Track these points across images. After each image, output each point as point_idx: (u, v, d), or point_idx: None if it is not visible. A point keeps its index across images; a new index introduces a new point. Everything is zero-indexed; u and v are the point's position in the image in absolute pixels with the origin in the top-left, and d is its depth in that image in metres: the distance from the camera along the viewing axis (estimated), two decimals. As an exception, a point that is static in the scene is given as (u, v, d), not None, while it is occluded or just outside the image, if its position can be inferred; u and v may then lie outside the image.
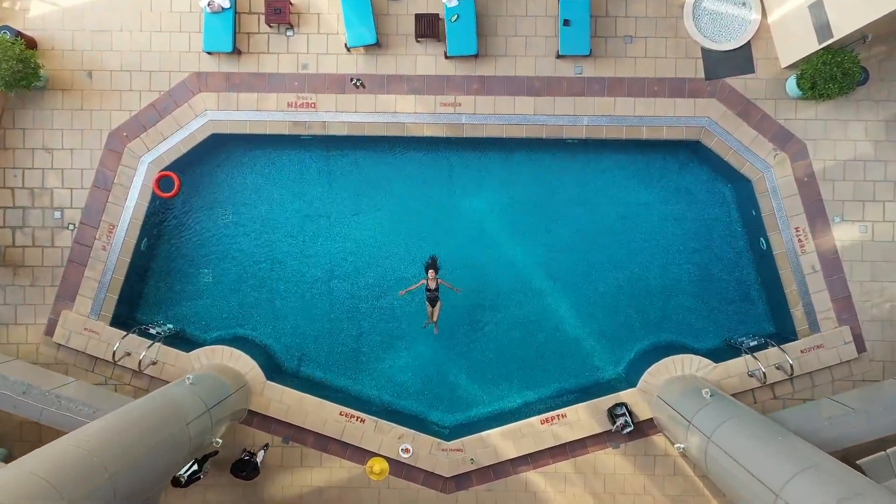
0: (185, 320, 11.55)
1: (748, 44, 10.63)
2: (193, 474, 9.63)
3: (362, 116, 10.77)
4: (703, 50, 10.68)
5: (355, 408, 10.80)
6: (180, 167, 10.94)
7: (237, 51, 10.70)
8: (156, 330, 10.84)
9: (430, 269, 10.31)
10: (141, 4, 10.74)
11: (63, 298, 10.84)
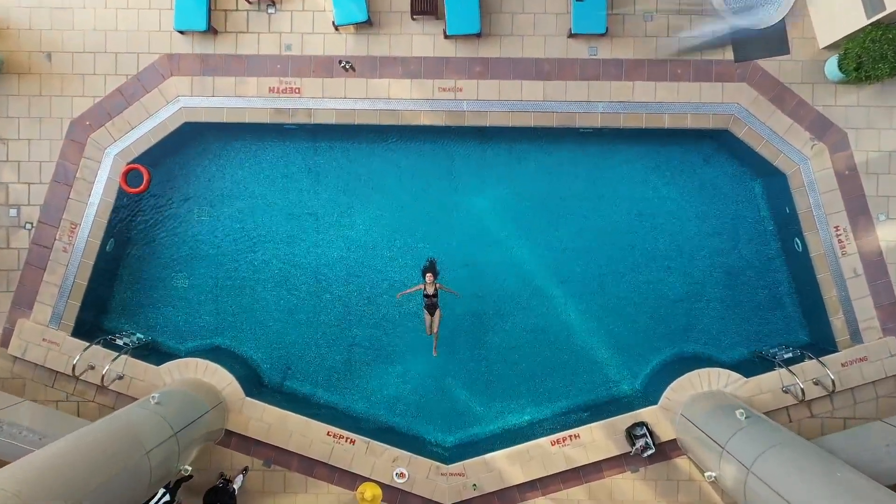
0: (157, 329, 11.16)
1: (782, 21, 10.08)
2: (165, 505, 9.06)
3: (352, 103, 10.38)
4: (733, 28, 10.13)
5: (345, 427, 10.39)
6: (150, 160, 10.56)
7: (213, 30, 10.28)
8: (123, 340, 10.50)
9: (428, 273, 9.91)
10: (105, -22, 10.39)
11: (19, 305, 10.43)
